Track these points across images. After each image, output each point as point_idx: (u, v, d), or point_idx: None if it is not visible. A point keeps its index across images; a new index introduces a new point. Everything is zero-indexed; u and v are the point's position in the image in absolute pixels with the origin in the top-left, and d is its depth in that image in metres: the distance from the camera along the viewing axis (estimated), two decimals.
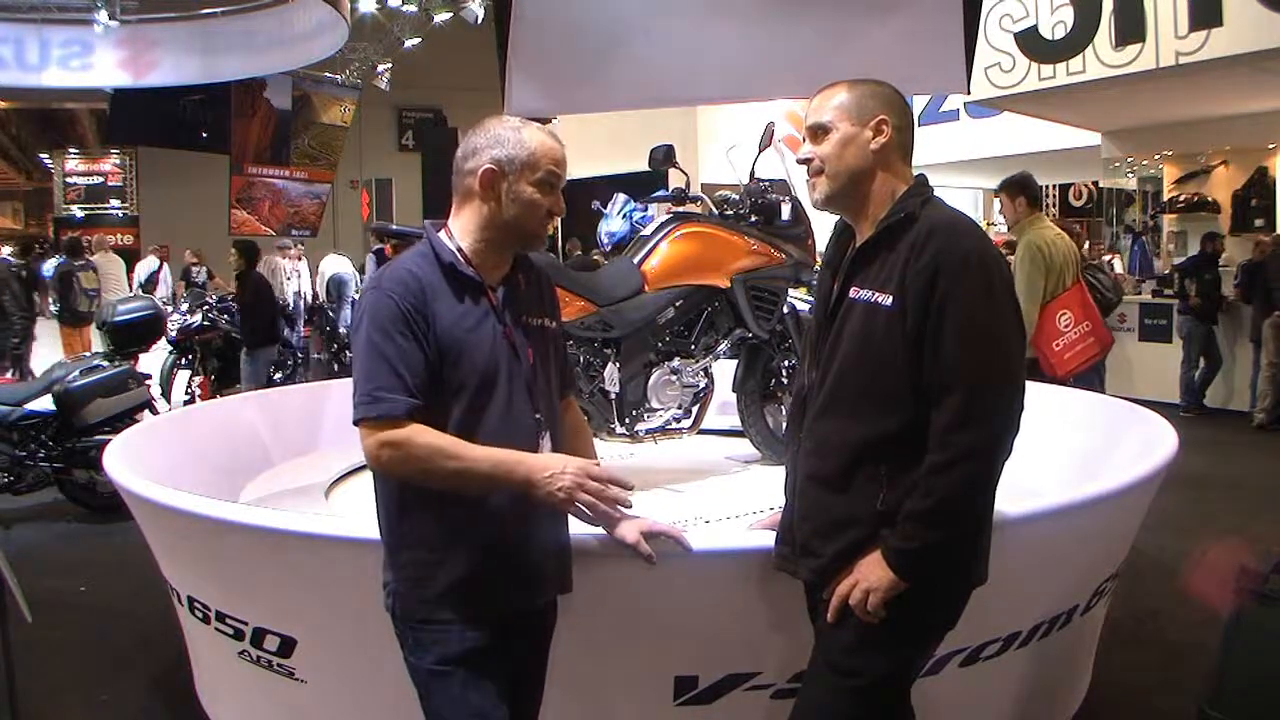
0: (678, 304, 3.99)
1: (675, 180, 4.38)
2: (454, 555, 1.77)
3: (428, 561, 1.78)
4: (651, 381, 3.98)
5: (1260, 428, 8.01)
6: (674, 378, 4.01)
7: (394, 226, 4.22)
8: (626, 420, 3.94)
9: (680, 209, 4.25)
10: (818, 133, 1.84)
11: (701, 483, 4.09)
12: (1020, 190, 5.15)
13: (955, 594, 1.81)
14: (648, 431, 3.99)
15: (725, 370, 4.47)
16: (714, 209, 4.24)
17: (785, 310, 4.20)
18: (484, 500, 1.77)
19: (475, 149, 1.83)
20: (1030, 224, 5.04)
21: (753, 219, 4.18)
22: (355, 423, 1.74)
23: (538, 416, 1.86)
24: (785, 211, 4.20)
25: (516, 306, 1.87)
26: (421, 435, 1.70)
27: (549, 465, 1.74)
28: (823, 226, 2.46)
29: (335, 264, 12.44)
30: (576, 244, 13.17)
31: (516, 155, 1.80)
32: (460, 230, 1.85)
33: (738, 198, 4.27)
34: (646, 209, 4.87)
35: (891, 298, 1.73)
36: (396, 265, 1.81)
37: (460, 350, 1.76)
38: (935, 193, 1.84)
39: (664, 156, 4.16)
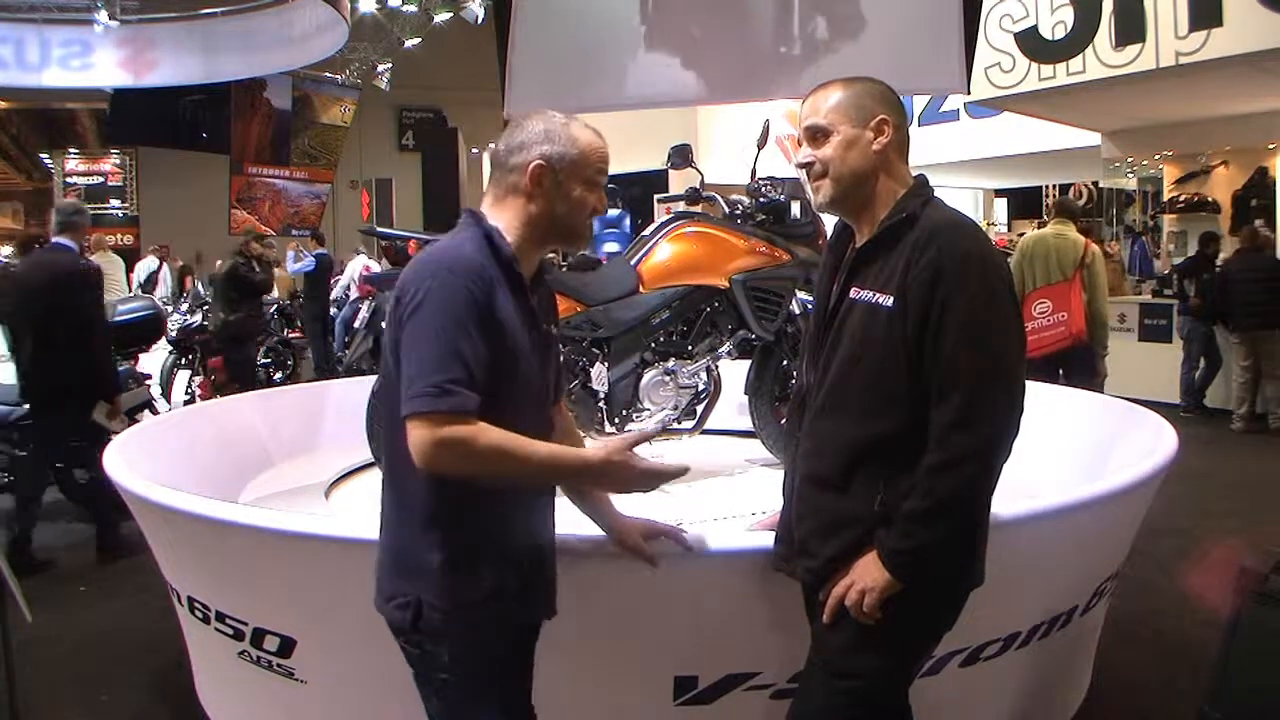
0: (674, 304, 3.99)
1: (690, 179, 4.37)
2: (492, 564, 1.71)
3: (466, 570, 1.68)
4: (644, 382, 3.97)
5: (1269, 430, 8.01)
6: (668, 378, 4.00)
7: (381, 229, 4.24)
8: (616, 420, 3.94)
9: (690, 209, 4.25)
10: (817, 135, 1.82)
11: (701, 483, 4.09)
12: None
13: (952, 596, 1.80)
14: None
15: (738, 371, 4.46)
16: (726, 209, 4.24)
17: (797, 311, 4.19)
18: (518, 509, 1.74)
19: (522, 144, 1.76)
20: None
21: (759, 218, 4.17)
22: (411, 415, 1.58)
23: (551, 420, 1.86)
24: (795, 210, 4.19)
25: (541, 310, 1.84)
26: (487, 434, 1.59)
27: (589, 462, 1.70)
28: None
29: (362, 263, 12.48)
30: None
31: (567, 152, 1.75)
32: (505, 224, 1.76)
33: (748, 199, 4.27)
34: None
35: (892, 298, 1.72)
36: (462, 251, 1.69)
37: (515, 351, 1.69)
38: (935, 193, 1.84)
39: (682, 156, 4.16)
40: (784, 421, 3.79)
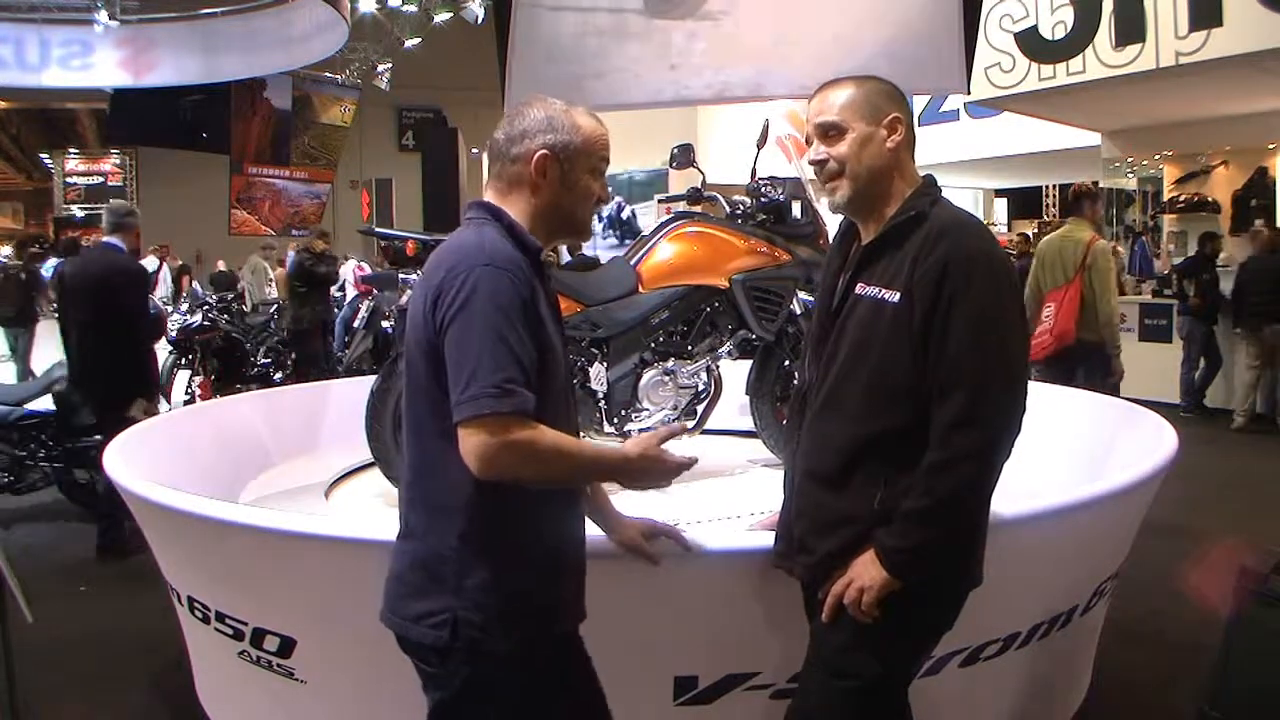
0: (673, 304, 3.99)
1: (691, 179, 4.37)
2: (540, 574, 1.66)
3: (514, 582, 1.61)
4: (643, 382, 3.98)
5: (1270, 429, 8.02)
6: (667, 378, 4.00)
7: (379, 229, 4.25)
8: (615, 420, 3.94)
9: (690, 209, 4.25)
10: (829, 132, 1.81)
11: (702, 483, 4.09)
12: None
13: (951, 596, 1.80)
14: (640, 432, 3.99)
15: (740, 371, 4.45)
16: (727, 208, 4.24)
17: (798, 311, 4.18)
18: (560, 513, 1.71)
19: (524, 133, 1.69)
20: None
21: (760, 218, 4.17)
22: (471, 419, 1.49)
23: (575, 416, 1.85)
24: (796, 210, 4.19)
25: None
26: (547, 435, 1.54)
27: (629, 457, 1.67)
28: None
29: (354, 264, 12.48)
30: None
31: (571, 140, 1.70)
32: (515, 215, 1.71)
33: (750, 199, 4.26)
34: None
35: (898, 294, 1.73)
36: (496, 245, 1.61)
37: (551, 346, 1.65)
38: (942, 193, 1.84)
39: (685, 156, 4.16)
40: (785, 419, 3.78)
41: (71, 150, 22.91)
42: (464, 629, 1.58)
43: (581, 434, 3.92)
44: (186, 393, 8.67)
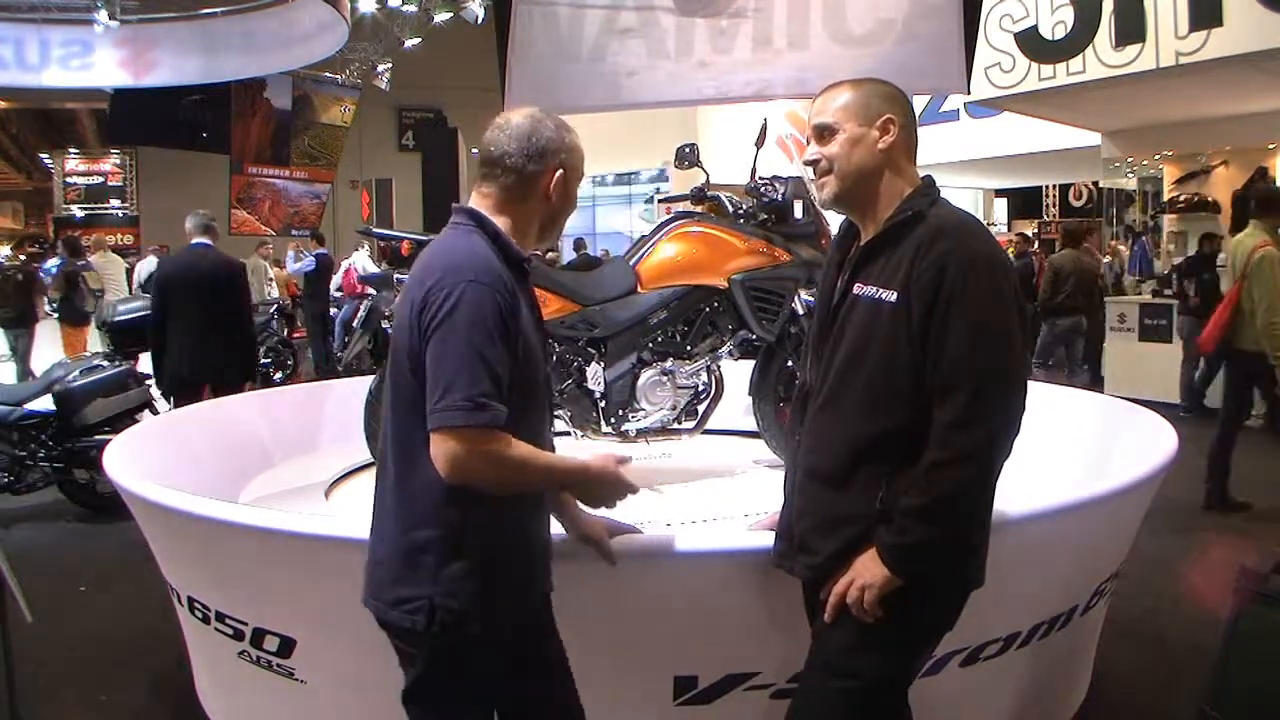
0: (672, 305, 3.98)
1: (692, 180, 4.36)
2: (509, 561, 1.76)
3: (486, 569, 1.71)
4: (641, 382, 3.97)
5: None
6: (665, 379, 4.00)
7: (376, 230, 4.28)
8: (613, 420, 3.94)
9: (692, 208, 4.25)
10: (824, 133, 1.85)
11: (705, 483, 4.09)
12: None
13: (952, 596, 1.81)
14: (639, 431, 3.98)
15: (744, 371, 4.45)
16: (730, 208, 4.24)
17: (800, 311, 4.18)
18: (526, 504, 1.81)
19: (543, 151, 1.80)
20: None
21: (761, 218, 4.16)
22: (443, 427, 1.60)
23: (552, 419, 1.92)
24: (798, 210, 4.18)
25: None
26: (514, 447, 1.65)
27: (588, 469, 1.80)
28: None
29: (363, 260, 12.48)
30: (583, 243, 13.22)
31: (574, 159, 1.85)
32: (509, 225, 1.80)
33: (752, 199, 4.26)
34: None
35: (896, 294, 1.73)
36: (482, 257, 1.71)
37: (531, 356, 1.76)
38: (941, 194, 1.85)
39: (689, 156, 4.16)
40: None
41: (71, 150, 22.90)
42: (440, 614, 1.68)
43: (579, 434, 3.93)
44: None
